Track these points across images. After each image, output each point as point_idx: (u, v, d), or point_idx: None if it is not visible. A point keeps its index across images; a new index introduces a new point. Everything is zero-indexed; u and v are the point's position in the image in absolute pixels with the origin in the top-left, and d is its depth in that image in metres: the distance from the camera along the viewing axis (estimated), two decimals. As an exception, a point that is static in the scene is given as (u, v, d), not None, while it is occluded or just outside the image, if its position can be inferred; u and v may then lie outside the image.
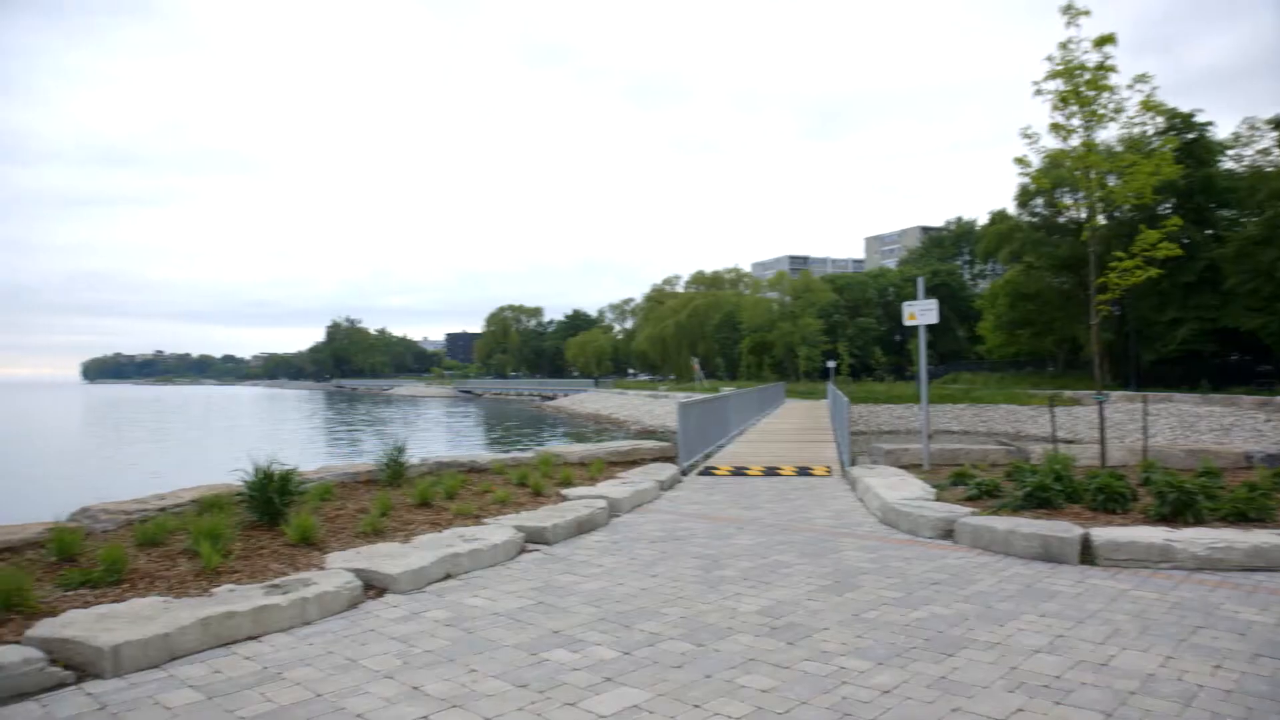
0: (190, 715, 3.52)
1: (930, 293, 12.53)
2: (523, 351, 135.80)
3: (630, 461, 12.35)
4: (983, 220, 64.88)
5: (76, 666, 3.96)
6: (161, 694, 3.75)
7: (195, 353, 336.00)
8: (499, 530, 6.89)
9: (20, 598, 4.62)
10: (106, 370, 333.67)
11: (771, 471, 12.19)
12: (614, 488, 9.36)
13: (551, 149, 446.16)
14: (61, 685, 3.84)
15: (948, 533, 7.23)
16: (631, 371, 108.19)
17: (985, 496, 8.31)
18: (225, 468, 8.14)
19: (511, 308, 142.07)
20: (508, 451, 12.98)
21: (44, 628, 4.20)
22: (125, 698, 3.71)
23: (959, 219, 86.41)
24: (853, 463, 12.66)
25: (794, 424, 23.68)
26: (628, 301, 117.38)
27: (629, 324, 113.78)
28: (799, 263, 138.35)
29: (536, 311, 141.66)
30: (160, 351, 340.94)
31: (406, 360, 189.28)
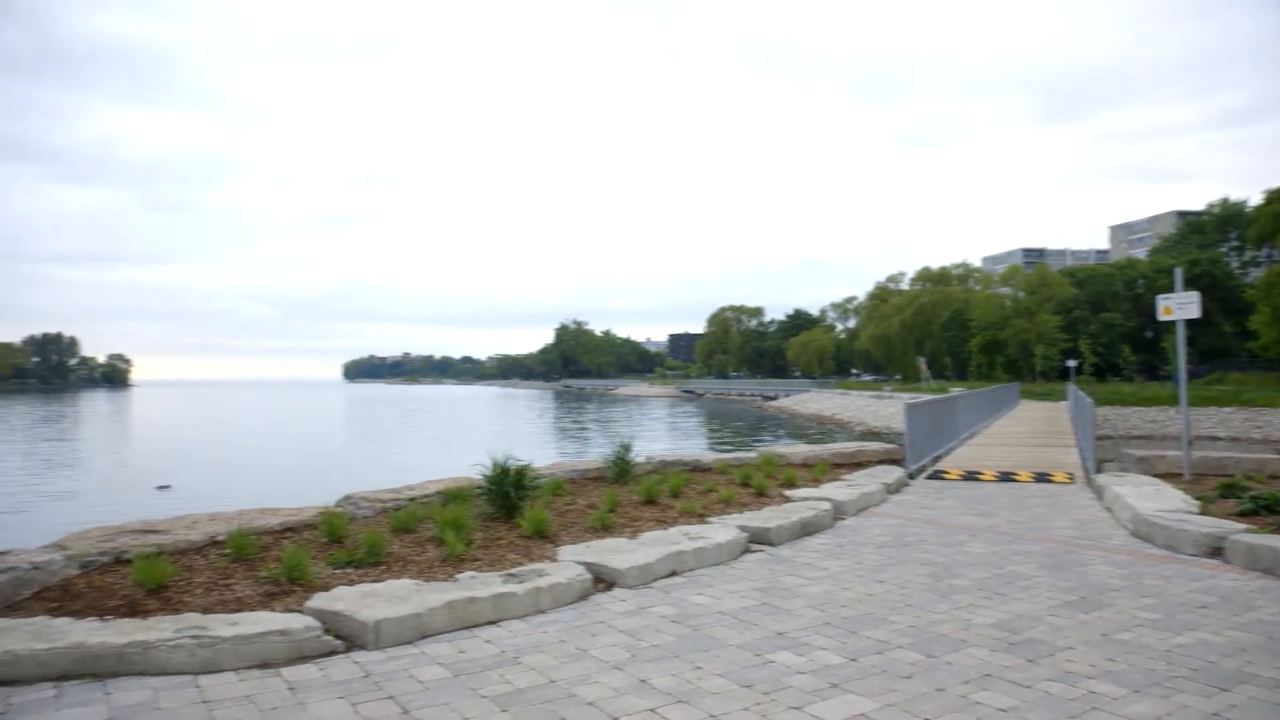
0: (439, 690, 3.80)
1: (1190, 284, 11.32)
2: (743, 351, 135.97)
3: (855, 463, 12.06)
4: (1255, 200, 57.92)
5: (345, 637, 4.40)
6: (414, 668, 4.08)
7: (437, 354, 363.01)
8: (723, 529, 6.93)
9: (301, 573, 5.20)
10: (362, 370, 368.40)
11: (1006, 477, 11.49)
12: (838, 490, 9.18)
13: (772, 148, 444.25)
14: (333, 652, 4.27)
15: (1216, 550, 6.51)
16: (854, 371, 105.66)
17: (1264, 512, 7.40)
18: (466, 462, 8.71)
19: (732, 308, 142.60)
20: (730, 451, 13.05)
21: (319, 600, 4.70)
22: (385, 669, 4.06)
23: (1224, 200, 77.47)
24: (1098, 469, 11.70)
25: (1030, 427, 22.20)
26: (850, 300, 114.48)
27: (851, 323, 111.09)
28: (1034, 255, 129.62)
29: (757, 311, 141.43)
30: (408, 353, 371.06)
31: (630, 360, 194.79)
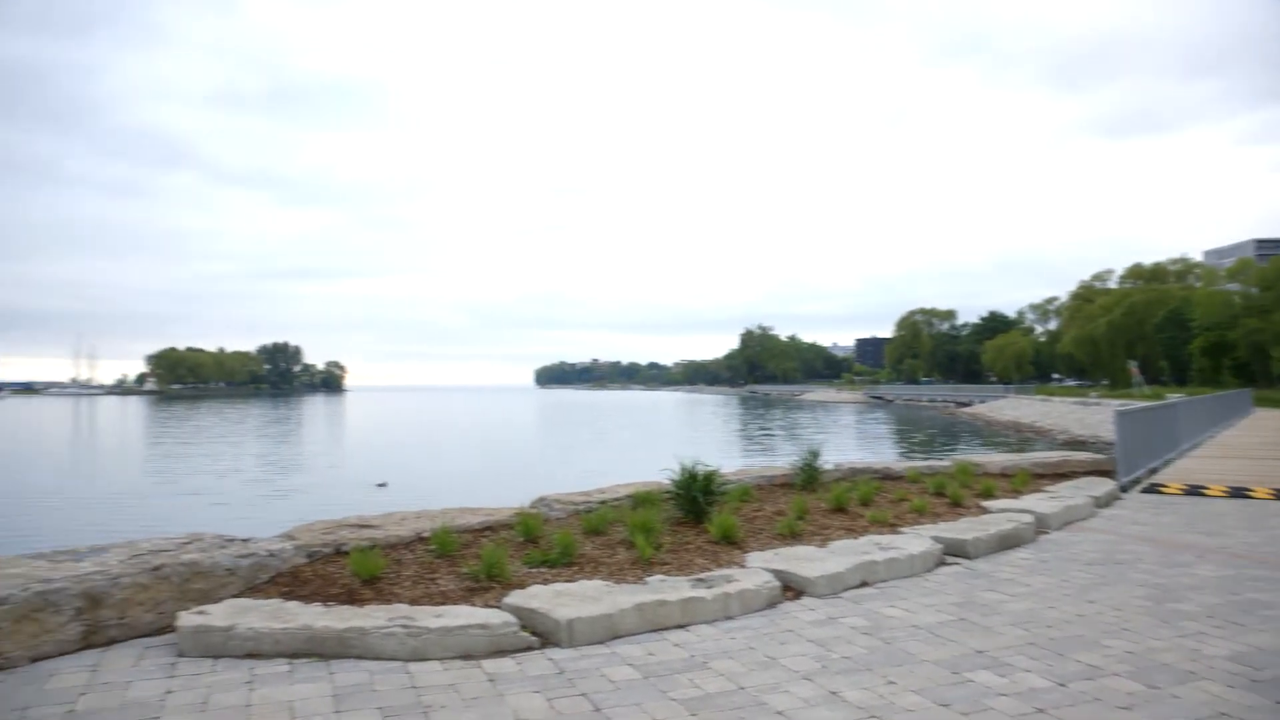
0: (630, 690, 3.88)
1: None
2: (934, 356, 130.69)
3: (1058, 474, 11.32)
4: None
5: (539, 634, 4.57)
6: (606, 667, 4.18)
7: (625, 360, 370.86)
8: (916, 540, 6.69)
9: (499, 570, 5.46)
10: (553, 376, 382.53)
11: (1238, 492, 10.44)
12: (1040, 502, 8.66)
13: (961, 145, 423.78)
14: (529, 648, 4.45)
15: None
16: (1056, 376, 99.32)
17: None
18: (654, 466, 8.85)
19: (922, 311, 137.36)
20: (922, 459, 12.57)
21: (515, 597, 4.91)
22: (577, 666, 4.19)
23: None
24: (1355, 487, 10.42)
25: (1266, 437, 20.06)
26: (1050, 301, 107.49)
27: (1052, 325, 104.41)
28: (1269, 247, 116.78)
29: (949, 314, 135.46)
30: (596, 359, 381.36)
31: (816, 366, 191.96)
